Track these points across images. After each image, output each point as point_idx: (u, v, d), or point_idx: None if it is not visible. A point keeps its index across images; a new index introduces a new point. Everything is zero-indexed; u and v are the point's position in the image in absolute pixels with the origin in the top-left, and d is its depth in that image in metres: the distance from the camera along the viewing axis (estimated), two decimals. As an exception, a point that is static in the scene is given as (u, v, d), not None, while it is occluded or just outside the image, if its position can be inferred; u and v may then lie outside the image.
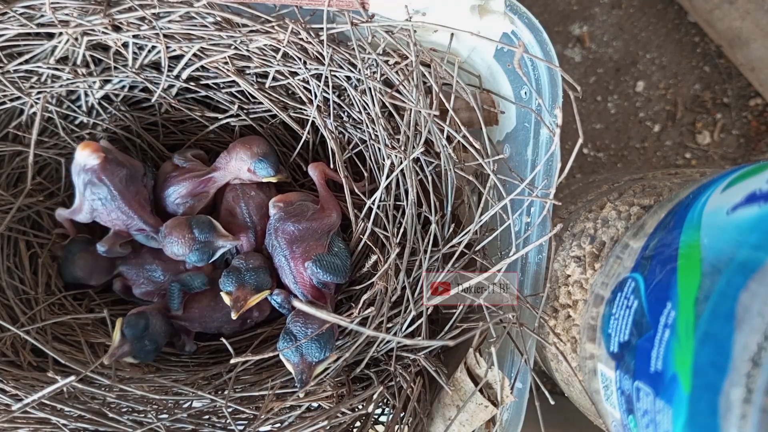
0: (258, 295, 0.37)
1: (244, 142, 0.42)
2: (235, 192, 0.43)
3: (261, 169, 0.40)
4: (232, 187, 0.43)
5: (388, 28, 0.34)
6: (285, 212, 0.39)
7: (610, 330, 0.31)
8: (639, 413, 0.27)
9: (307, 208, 0.39)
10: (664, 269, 0.27)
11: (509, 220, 0.34)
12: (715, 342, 0.23)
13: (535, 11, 0.34)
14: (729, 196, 0.27)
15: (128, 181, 0.40)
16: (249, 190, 0.43)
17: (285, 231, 0.38)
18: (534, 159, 0.35)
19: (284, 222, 0.38)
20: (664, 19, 0.68)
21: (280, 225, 0.38)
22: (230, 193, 0.43)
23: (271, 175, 0.41)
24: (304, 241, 0.38)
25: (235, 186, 0.43)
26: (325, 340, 0.34)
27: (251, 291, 0.37)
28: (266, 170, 0.41)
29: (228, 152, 0.42)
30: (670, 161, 0.68)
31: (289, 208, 0.39)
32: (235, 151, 0.41)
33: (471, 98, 0.33)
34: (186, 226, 0.38)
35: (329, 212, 0.39)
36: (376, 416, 0.38)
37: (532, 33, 0.34)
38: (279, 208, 0.39)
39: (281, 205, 0.39)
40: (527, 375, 0.34)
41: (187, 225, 0.38)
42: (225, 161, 0.42)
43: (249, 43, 0.38)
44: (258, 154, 0.41)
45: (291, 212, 0.39)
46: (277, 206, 0.39)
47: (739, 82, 0.67)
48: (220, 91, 0.42)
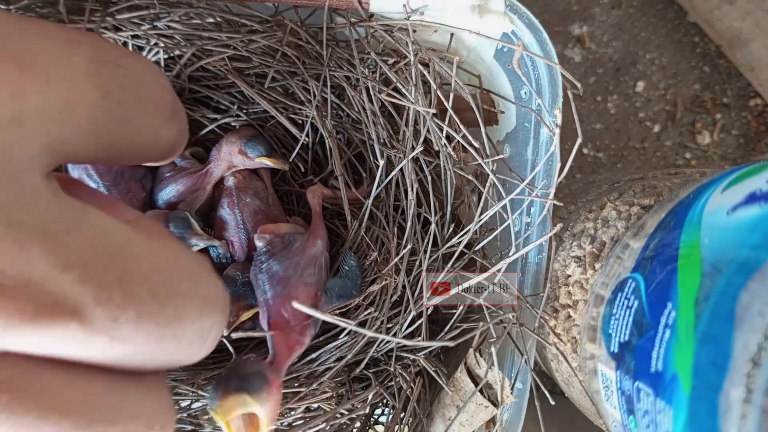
0: (251, 310, 0.36)
1: (233, 130, 0.42)
2: (230, 198, 0.43)
3: (251, 148, 0.40)
4: (228, 192, 0.43)
5: (387, 28, 0.34)
6: (272, 246, 0.36)
7: (610, 330, 0.31)
8: (639, 413, 0.27)
9: (295, 240, 0.37)
10: (665, 269, 0.27)
11: (509, 219, 0.34)
12: (715, 342, 0.23)
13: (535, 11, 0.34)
14: (729, 196, 0.27)
15: (120, 179, 0.40)
16: (245, 196, 0.42)
17: (269, 270, 0.36)
18: (534, 159, 0.35)
19: (270, 259, 0.36)
20: (664, 19, 0.68)
21: (266, 261, 0.36)
22: (226, 199, 0.43)
23: (263, 154, 0.40)
24: (288, 280, 0.36)
25: (231, 191, 0.43)
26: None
27: (244, 306, 0.36)
28: (258, 150, 0.40)
29: (218, 143, 0.42)
30: (670, 161, 0.68)
31: (279, 242, 0.37)
32: (225, 138, 0.41)
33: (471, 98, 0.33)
34: (163, 218, 0.38)
35: (314, 240, 0.38)
36: (376, 416, 0.38)
37: (532, 33, 0.34)
38: (266, 241, 0.37)
39: (268, 237, 0.37)
40: (527, 375, 0.34)
41: (165, 218, 0.38)
42: (216, 151, 0.41)
43: (248, 43, 0.38)
44: (246, 136, 0.40)
45: (278, 247, 0.37)
46: (264, 238, 0.37)
47: (739, 82, 0.67)
48: (219, 92, 0.42)
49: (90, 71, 0.14)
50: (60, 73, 0.13)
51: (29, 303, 0.12)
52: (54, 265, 0.12)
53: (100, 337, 0.12)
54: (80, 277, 0.12)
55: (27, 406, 0.12)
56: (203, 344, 0.15)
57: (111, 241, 0.13)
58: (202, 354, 0.15)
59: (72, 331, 0.12)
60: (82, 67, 0.14)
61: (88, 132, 0.14)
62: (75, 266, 0.12)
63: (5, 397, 0.12)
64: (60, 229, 0.12)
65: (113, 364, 0.13)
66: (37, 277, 0.12)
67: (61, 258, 0.12)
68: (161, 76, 0.17)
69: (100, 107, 0.14)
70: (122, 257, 0.13)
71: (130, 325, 0.13)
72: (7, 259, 0.11)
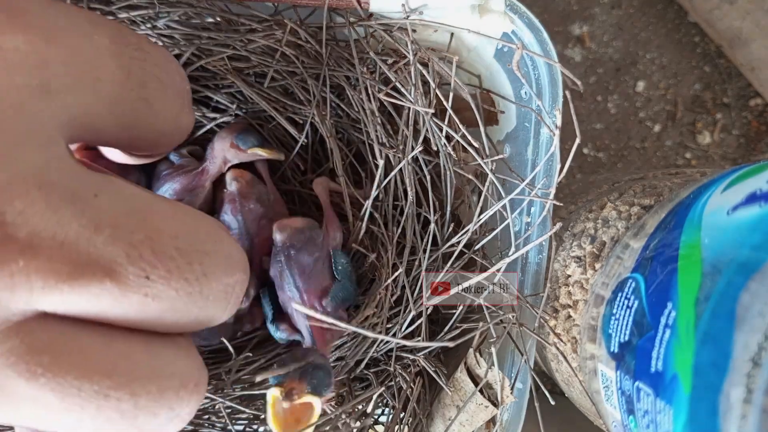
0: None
1: (224, 127, 0.42)
2: (233, 204, 0.43)
3: (242, 140, 0.40)
4: (231, 198, 0.43)
5: (386, 28, 0.34)
6: (296, 240, 0.36)
7: (610, 330, 0.31)
8: (639, 413, 0.27)
9: (318, 236, 0.37)
10: (665, 269, 0.27)
11: (509, 219, 0.34)
12: (715, 342, 0.23)
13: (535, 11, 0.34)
14: (729, 196, 0.27)
15: None
16: (248, 202, 0.42)
17: (299, 263, 0.36)
18: (534, 159, 0.35)
19: (298, 253, 0.36)
20: (664, 19, 0.68)
21: (294, 255, 0.36)
22: (229, 205, 0.43)
23: (255, 145, 0.40)
24: (316, 273, 0.36)
25: (234, 197, 0.42)
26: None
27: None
28: (249, 141, 0.40)
29: (212, 141, 0.42)
30: (670, 161, 0.68)
31: (299, 236, 0.37)
32: (217, 135, 0.41)
33: (470, 98, 0.33)
34: None
35: (333, 233, 0.38)
36: (376, 416, 0.38)
37: (532, 32, 0.34)
38: (286, 236, 0.36)
39: (288, 232, 0.37)
40: (527, 375, 0.34)
41: None
42: (210, 149, 0.41)
43: (247, 43, 0.38)
44: (237, 130, 0.40)
45: (302, 240, 0.36)
46: (284, 233, 0.36)
47: (739, 82, 0.67)
48: (219, 92, 0.42)
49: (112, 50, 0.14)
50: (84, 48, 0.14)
51: (64, 263, 0.12)
52: (86, 225, 0.12)
53: (134, 295, 0.13)
54: (112, 237, 0.12)
55: (67, 367, 0.12)
56: (228, 301, 0.15)
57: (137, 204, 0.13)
58: (227, 313, 0.15)
59: (107, 290, 0.12)
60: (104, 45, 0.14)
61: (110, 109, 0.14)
62: (106, 227, 0.12)
63: (46, 358, 0.12)
64: (89, 192, 0.13)
65: (146, 323, 0.14)
66: (70, 238, 0.12)
67: (92, 219, 0.12)
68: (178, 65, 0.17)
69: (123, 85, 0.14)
70: (149, 217, 0.13)
71: (162, 282, 0.13)
72: (41, 221, 0.12)
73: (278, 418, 0.27)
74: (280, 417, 0.28)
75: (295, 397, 0.28)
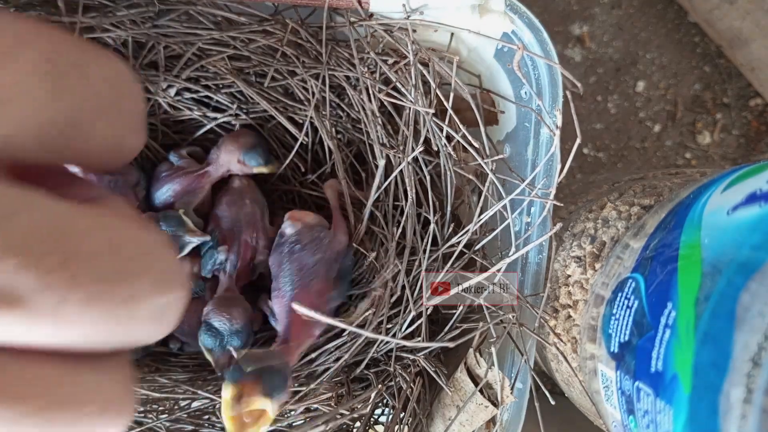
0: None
1: (232, 135, 0.42)
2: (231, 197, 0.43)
3: (251, 159, 0.41)
4: (230, 191, 0.43)
5: (387, 28, 0.34)
6: (303, 237, 0.36)
7: (610, 330, 0.31)
8: (639, 413, 0.27)
9: (325, 236, 0.37)
10: (665, 269, 0.27)
11: (509, 219, 0.34)
12: (715, 342, 0.23)
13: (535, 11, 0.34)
14: (729, 196, 0.27)
15: (114, 187, 0.40)
16: (246, 199, 0.43)
17: (300, 260, 0.36)
18: (534, 159, 0.35)
19: (302, 250, 0.36)
20: (664, 19, 0.68)
21: (297, 251, 0.36)
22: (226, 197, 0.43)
23: (261, 164, 0.41)
24: (314, 274, 0.36)
25: (234, 192, 0.43)
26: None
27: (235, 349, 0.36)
28: (256, 160, 0.41)
29: (218, 146, 0.42)
30: (670, 161, 0.68)
31: (308, 234, 0.37)
32: (224, 144, 0.42)
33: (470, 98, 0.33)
34: (154, 218, 0.38)
35: (339, 236, 0.38)
36: (376, 416, 0.38)
37: (532, 32, 0.34)
38: (296, 229, 0.37)
39: (298, 226, 0.37)
40: (527, 375, 0.34)
41: (156, 218, 0.38)
42: (216, 155, 0.42)
43: (248, 42, 0.37)
44: (246, 145, 0.41)
45: (309, 238, 0.37)
46: (294, 226, 0.37)
47: (739, 82, 0.67)
48: (219, 92, 0.42)
49: (42, 70, 0.13)
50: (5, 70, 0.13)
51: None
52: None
53: (46, 322, 0.12)
54: (22, 262, 0.12)
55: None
56: (161, 322, 0.14)
57: (56, 223, 0.13)
58: (162, 332, 0.15)
59: (16, 318, 0.12)
60: (31, 65, 0.13)
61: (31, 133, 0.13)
62: (16, 251, 0.12)
63: None
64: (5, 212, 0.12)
65: (65, 347, 0.13)
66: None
67: (5, 242, 0.12)
68: (132, 82, 0.16)
69: (49, 108, 0.13)
70: (68, 238, 0.13)
71: (79, 307, 0.12)
72: None
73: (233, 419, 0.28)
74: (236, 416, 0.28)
75: (244, 405, 0.28)
